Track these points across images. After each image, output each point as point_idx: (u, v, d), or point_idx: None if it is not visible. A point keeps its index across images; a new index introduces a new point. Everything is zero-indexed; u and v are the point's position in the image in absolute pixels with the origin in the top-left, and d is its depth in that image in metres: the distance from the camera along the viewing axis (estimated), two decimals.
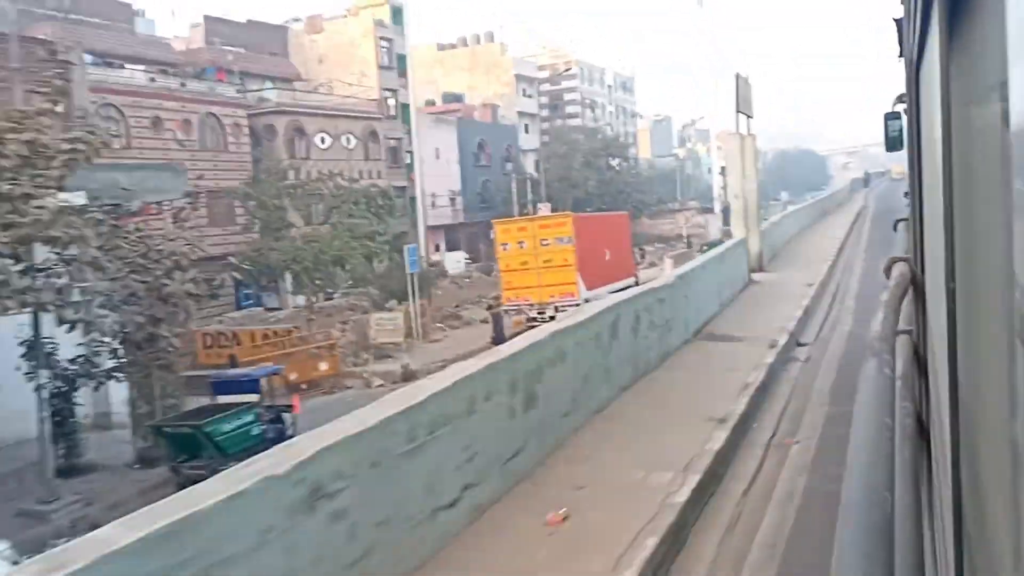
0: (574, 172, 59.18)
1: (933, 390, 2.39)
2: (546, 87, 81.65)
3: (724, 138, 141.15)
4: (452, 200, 59.30)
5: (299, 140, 44.83)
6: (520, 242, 27.37)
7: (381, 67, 53.47)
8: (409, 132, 54.44)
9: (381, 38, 53.76)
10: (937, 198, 1.84)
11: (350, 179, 38.62)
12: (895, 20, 4.48)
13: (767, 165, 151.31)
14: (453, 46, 73.11)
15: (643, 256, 41.45)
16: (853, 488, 1.27)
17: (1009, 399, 0.90)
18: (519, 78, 72.00)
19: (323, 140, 46.22)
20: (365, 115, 50.01)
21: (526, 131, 70.93)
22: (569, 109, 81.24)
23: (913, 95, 2.97)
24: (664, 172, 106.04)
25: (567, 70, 79.23)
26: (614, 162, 64.09)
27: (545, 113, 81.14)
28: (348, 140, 48.18)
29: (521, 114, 71.13)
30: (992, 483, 1.14)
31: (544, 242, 26.90)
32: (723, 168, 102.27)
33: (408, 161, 54.38)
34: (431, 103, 68.38)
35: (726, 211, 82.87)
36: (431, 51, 73.17)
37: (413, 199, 54.94)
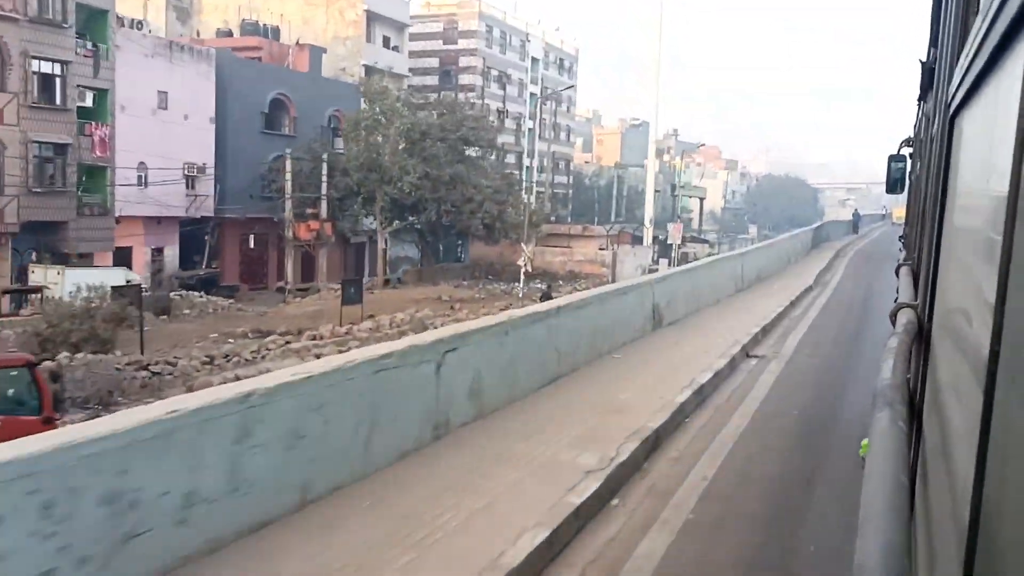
0: (392, 160, 37.17)
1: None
2: (436, 45, 59.74)
3: (707, 154, 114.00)
4: (189, 179, 37.13)
5: None
6: None
7: None
8: (96, 56, 32.25)
9: None
10: (964, 244, 1.90)
11: None
12: (921, 62, 4.87)
13: (749, 191, 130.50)
14: None
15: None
16: (868, 553, 1.18)
17: None
18: (375, 18, 49.96)
19: None
20: None
21: None
22: (465, 79, 59.24)
23: (944, 141, 2.82)
24: (610, 184, 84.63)
25: (452, 21, 57.37)
26: (473, 152, 42.13)
27: (431, 81, 59.16)
28: None
29: (372, 70, 49.11)
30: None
31: None
32: (674, 187, 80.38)
33: (88, 105, 32.28)
34: (226, 34, 46.12)
35: (662, 242, 61.33)
36: None
37: (102, 170, 32.97)
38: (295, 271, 38.58)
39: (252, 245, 40.85)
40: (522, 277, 32.05)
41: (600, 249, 50.55)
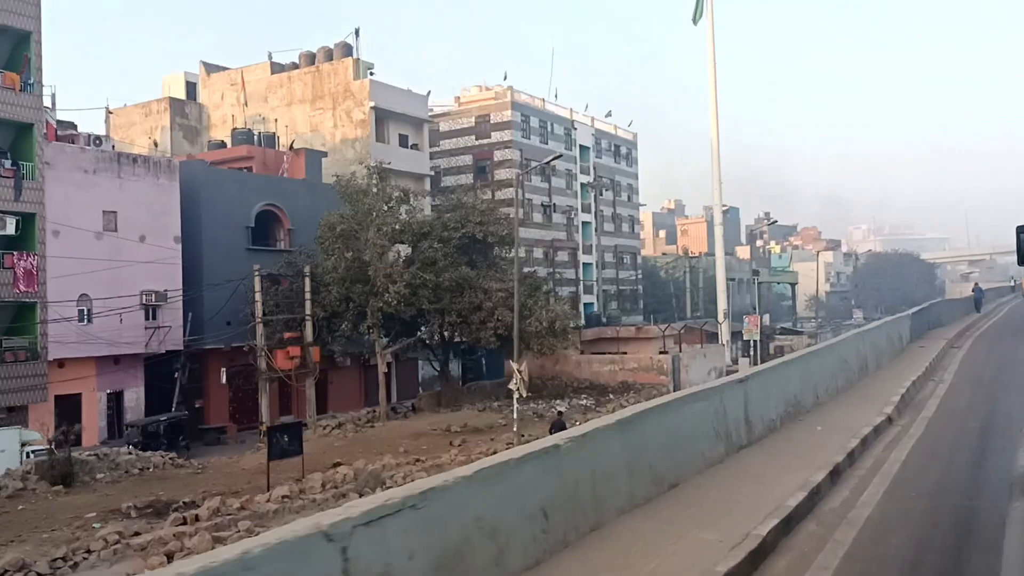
0: (376, 268, 30.97)
1: None
2: (469, 141, 54.65)
3: (807, 236, 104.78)
4: (149, 309, 31.92)
5: None
6: None
7: None
8: (18, 176, 27.81)
9: None
10: None
11: None
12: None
13: (858, 271, 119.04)
14: (295, 66, 47.21)
15: None
16: None
17: None
18: (388, 116, 45.18)
19: None
20: None
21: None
22: (502, 174, 53.64)
23: None
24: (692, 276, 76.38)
25: (484, 114, 52.31)
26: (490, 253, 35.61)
27: (466, 179, 53.83)
28: None
29: (386, 171, 43.94)
30: None
31: None
32: (756, 272, 71.50)
33: (9, 232, 27.70)
34: (217, 146, 42.10)
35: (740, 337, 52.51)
36: (262, 73, 47.58)
37: (30, 307, 28.16)
38: (272, 407, 32.34)
39: (241, 379, 35.08)
40: (514, 402, 24.53)
41: (661, 352, 42.60)
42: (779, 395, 10.99)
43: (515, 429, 24.18)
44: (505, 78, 53.25)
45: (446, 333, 33.69)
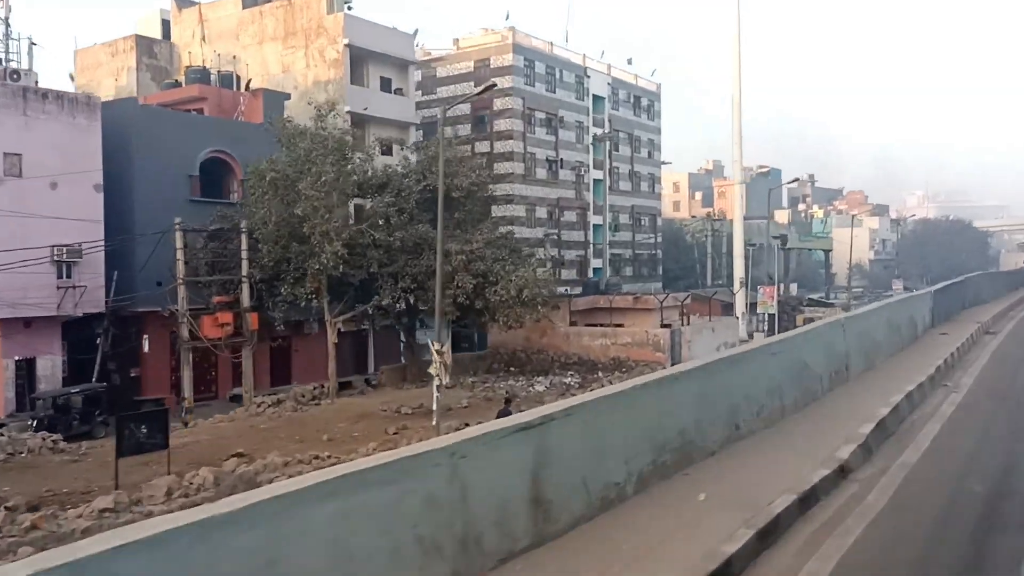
0: (312, 225, 26.76)
1: None
2: (468, 87, 49.87)
3: (852, 200, 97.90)
4: (63, 266, 28.29)
5: None
6: None
7: None
8: None
9: None
10: None
11: None
12: None
13: (904, 239, 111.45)
14: None
15: None
16: None
17: None
18: (367, 56, 40.69)
19: None
20: None
21: (380, 151, 39.15)
22: (502, 125, 48.83)
23: None
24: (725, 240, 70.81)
25: (483, 58, 47.56)
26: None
27: (464, 130, 49.28)
28: None
29: (362, 117, 39.62)
30: None
31: None
32: (784, 239, 65.72)
33: None
34: (171, 86, 38.18)
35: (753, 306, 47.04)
36: (233, 8, 43.35)
37: None
38: (192, 379, 28.57)
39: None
40: (434, 391, 20.15)
41: (663, 326, 37.97)
42: (638, 436, 6.57)
43: (434, 423, 19.82)
44: (507, 18, 47.75)
45: (399, 301, 29.40)
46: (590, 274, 54.90)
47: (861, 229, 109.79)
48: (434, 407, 19.66)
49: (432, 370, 19.52)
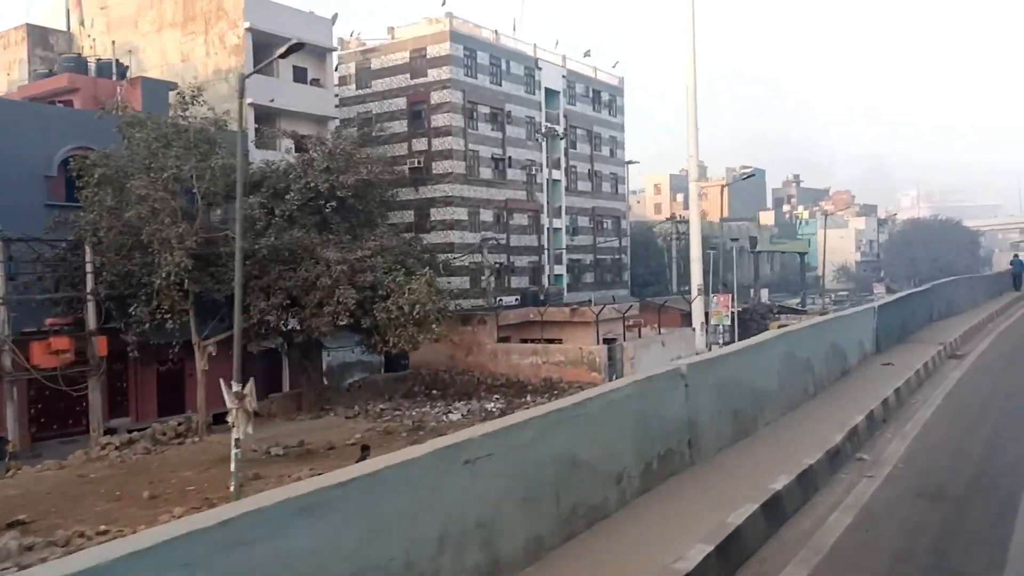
0: (152, 230, 22.38)
1: None
2: (405, 80, 45.65)
3: (839, 200, 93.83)
4: None
5: None
6: None
7: None
8: None
9: None
10: None
11: None
12: None
13: (892, 239, 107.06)
14: None
15: None
16: None
17: None
18: (276, 43, 36.43)
19: None
20: None
21: (288, 147, 34.94)
22: (440, 120, 44.54)
23: None
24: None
25: (420, 48, 43.49)
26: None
27: (400, 128, 45.14)
28: None
29: (269, 111, 35.43)
30: None
31: None
32: (753, 241, 61.44)
33: None
34: (44, 75, 33.94)
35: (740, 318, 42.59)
36: None
37: None
38: (21, 416, 24.18)
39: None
40: (232, 445, 15.66)
41: (607, 340, 33.74)
42: None
43: (230, 488, 15.37)
44: (443, 3, 43.61)
45: (282, 319, 24.95)
46: (546, 282, 50.68)
47: (847, 230, 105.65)
48: (232, 467, 15.19)
49: (230, 419, 15.11)
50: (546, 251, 50.82)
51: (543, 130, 50.79)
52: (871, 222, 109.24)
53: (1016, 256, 37.38)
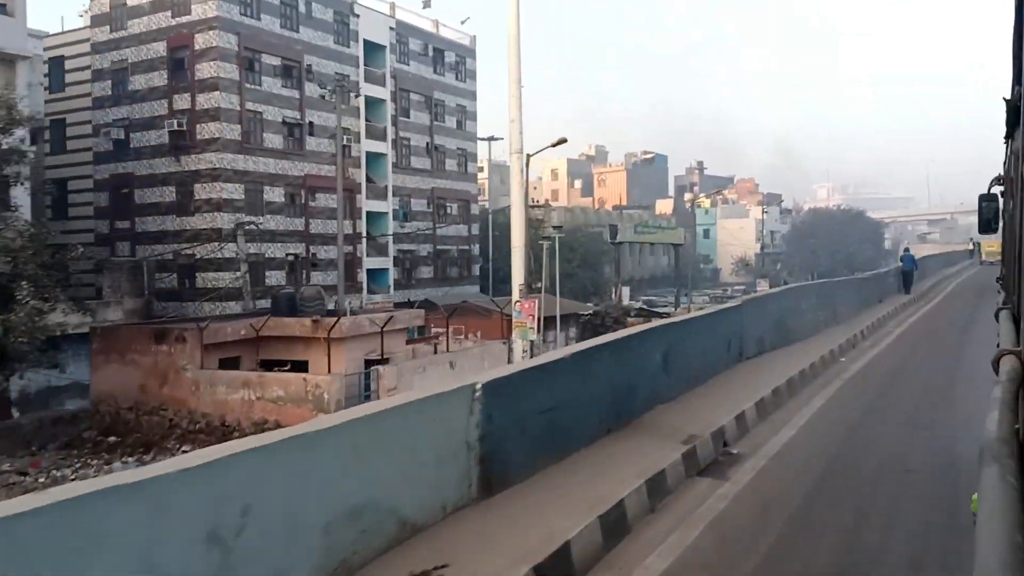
0: None
1: None
2: (161, 21, 35.72)
3: (742, 189, 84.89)
4: None
5: None
6: None
7: None
8: None
9: None
10: None
11: None
12: (1006, 100, 4.05)
13: (794, 229, 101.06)
14: None
15: None
16: None
17: None
18: None
19: None
20: None
21: None
22: (207, 71, 34.72)
23: None
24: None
25: None
26: None
27: (160, 81, 35.33)
28: None
29: None
30: None
31: None
32: (614, 231, 53.35)
33: None
34: None
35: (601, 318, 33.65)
36: None
37: None
38: None
39: None
40: None
41: (376, 361, 24.67)
42: None
43: None
44: None
45: None
46: (362, 277, 41.54)
47: (748, 220, 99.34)
48: None
49: None
50: (365, 240, 41.61)
51: (374, 96, 41.60)
52: (775, 212, 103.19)
53: (907, 251, 29.92)
